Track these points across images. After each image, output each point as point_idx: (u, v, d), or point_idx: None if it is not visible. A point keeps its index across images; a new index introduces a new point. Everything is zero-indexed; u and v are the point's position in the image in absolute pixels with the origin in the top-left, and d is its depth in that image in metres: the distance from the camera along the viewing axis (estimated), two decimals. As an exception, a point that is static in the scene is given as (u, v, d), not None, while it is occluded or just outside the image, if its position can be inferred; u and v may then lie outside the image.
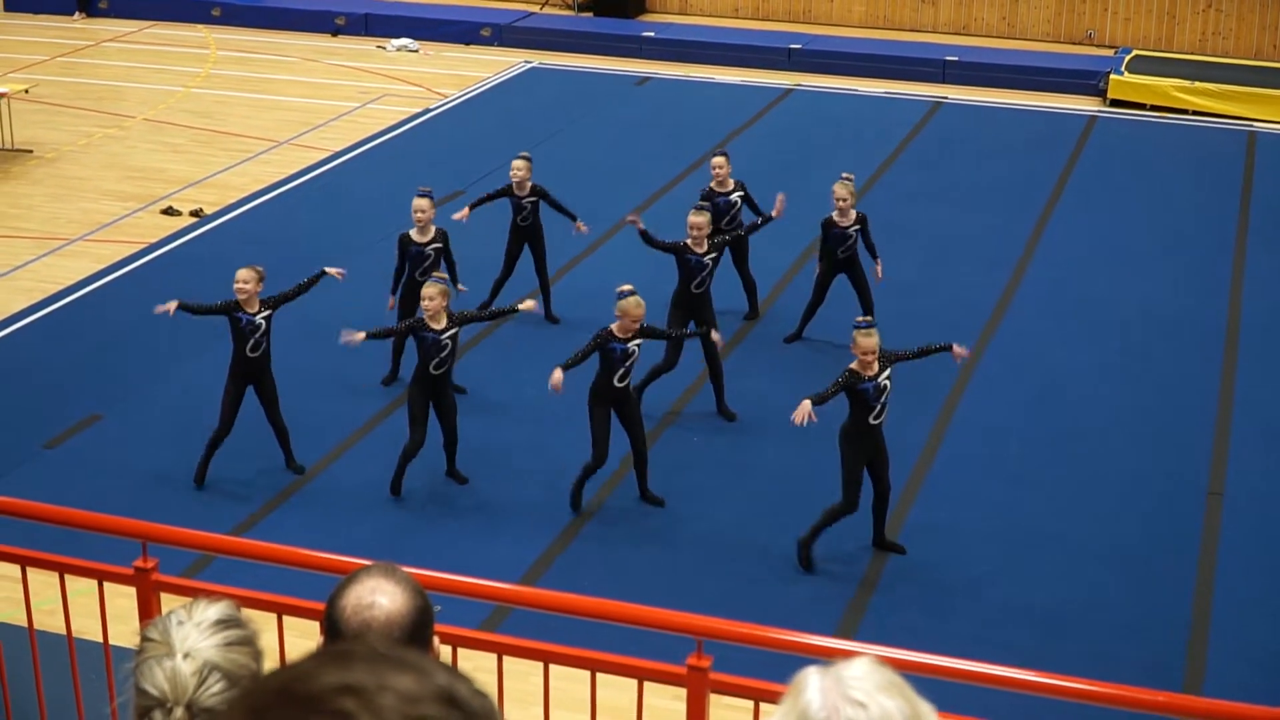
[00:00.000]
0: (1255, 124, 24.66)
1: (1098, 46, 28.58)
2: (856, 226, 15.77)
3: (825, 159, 21.43)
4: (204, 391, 15.19)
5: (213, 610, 3.77)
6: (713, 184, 16.56)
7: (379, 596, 3.88)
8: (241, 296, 13.36)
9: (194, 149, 22.81)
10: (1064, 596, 12.18)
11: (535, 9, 30.98)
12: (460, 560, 11.97)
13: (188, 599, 3.92)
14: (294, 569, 7.29)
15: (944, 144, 23.09)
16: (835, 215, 15.75)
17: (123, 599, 7.46)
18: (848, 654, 6.56)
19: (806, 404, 11.89)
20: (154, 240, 19.05)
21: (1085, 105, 25.66)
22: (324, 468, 13.87)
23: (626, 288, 13.00)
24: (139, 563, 7.06)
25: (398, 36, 29.34)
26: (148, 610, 7.03)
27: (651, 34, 28.75)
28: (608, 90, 26.23)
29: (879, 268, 16.00)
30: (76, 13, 31.02)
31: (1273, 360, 16.33)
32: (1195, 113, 25.17)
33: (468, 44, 29.33)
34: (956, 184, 21.01)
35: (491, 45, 29.22)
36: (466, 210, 16.48)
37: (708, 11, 30.82)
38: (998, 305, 17.52)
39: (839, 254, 15.87)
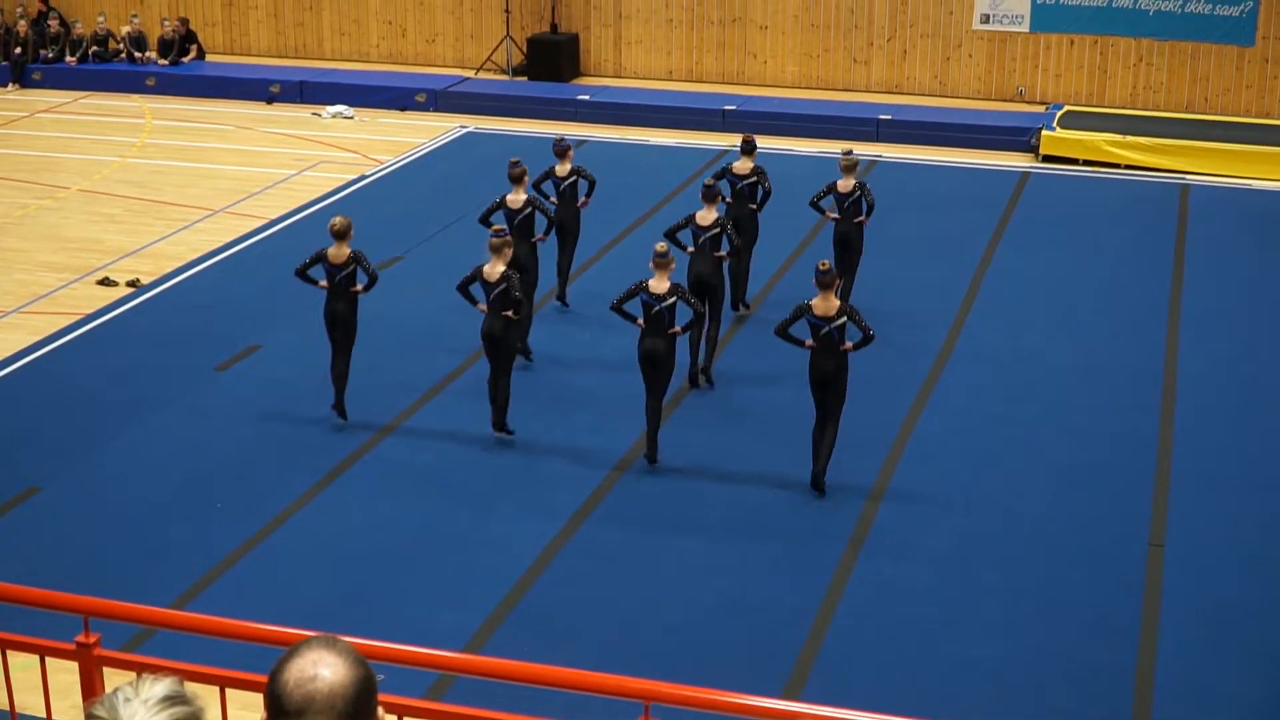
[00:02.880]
0: (1188, 176, 24.91)
1: (1029, 103, 28.86)
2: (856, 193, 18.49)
3: (763, 218, 21.50)
4: (143, 462, 15.15)
5: (159, 687, 3.75)
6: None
7: (321, 669, 3.85)
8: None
9: (130, 219, 22.74)
10: (1011, 650, 12.21)
11: (470, 74, 31.08)
12: (403, 628, 11.94)
13: (131, 674, 3.90)
14: (236, 641, 7.25)
15: (879, 201, 23.19)
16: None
17: (65, 674, 7.38)
18: (794, 716, 6.55)
19: None
20: (90, 311, 18.96)
21: (1018, 161, 25.88)
22: (266, 535, 13.79)
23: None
24: (81, 638, 7.01)
25: (333, 104, 29.37)
26: (91, 686, 6.97)
27: (587, 97, 28.86)
28: (544, 154, 26.23)
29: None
30: (10, 84, 30.94)
31: (1209, 411, 16.46)
32: (1128, 167, 25.43)
33: (403, 110, 29.38)
34: (893, 241, 21.11)
35: (427, 111, 29.28)
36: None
37: (642, 74, 30.97)
38: (936, 360, 17.61)
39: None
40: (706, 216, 16.87)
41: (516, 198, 17.27)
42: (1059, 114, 26.98)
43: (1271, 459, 15.44)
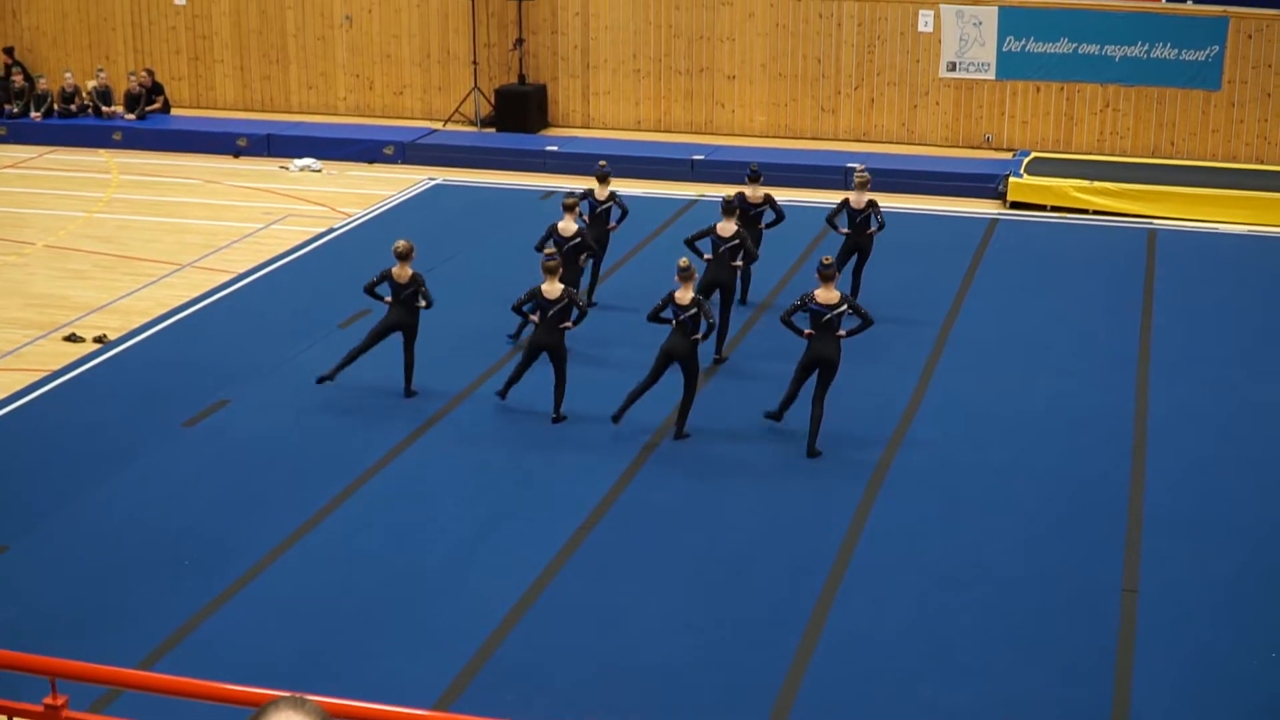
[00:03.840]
0: (1155, 221, 25.04)
1: (996, 150, 28.99)
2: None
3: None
4: (110, 519, 15.04)
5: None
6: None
7: (290, 730, 3.84)
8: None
9: (97, 274, 22.69)
10: (987, 694, 12.17)
11: (438, 126, 31.12)
12: (373, 685, 11.87)
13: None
14: (205, 702, 7.20)
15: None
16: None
17: (32, 736, 7.33)
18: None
19: None
20: (57, 368, 18.86)
21: (986, 208, 25.98)
22: (235, 593, 13.68)
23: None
24: (49, 700, 6.95)
25: (300, 157, 29.37)
26: (57, 748, 6.92)
27: (555, 148, 28.91)
28: (513, 205, 26.31)
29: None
30: (-25, 140, 30.92)
31: (1180, 454, 16.50)
32: (1096, 212, 25.55)
33: (371, 162, 29.41)
34: (862, 288, 21.13)
35: (395, 163, 29.31)
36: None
37: (610, 125, 31.05)
38: (907, 407, 17.62)
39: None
40: (726, 228, 18.77)
41: (568, 226, 19.11)
42: (1026, 160, 27.12)
43: (1244, 501, 15.48)
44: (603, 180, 20.67)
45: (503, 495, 15.60)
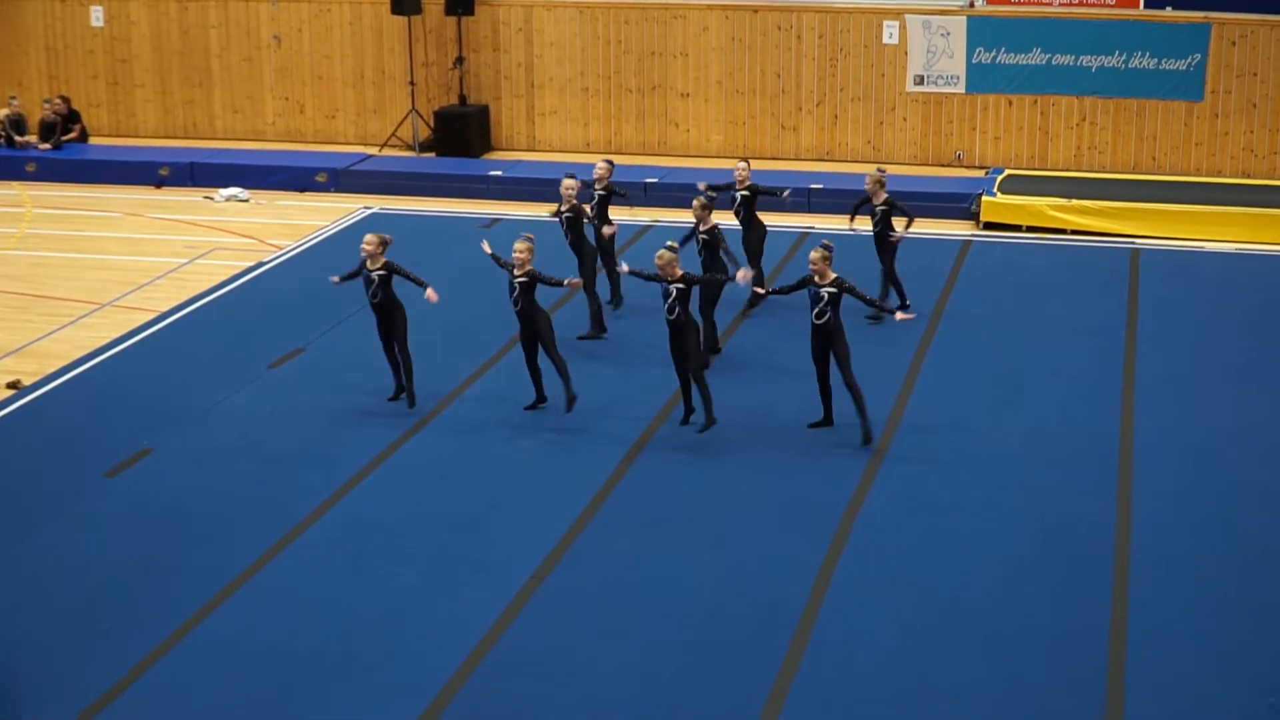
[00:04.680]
0: (1137, 240, 24.99)
1: (967, 168, 28.95)
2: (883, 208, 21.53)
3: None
4: (26, 579, 14.82)
5: None
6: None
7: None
8: (364, 254, 18.45)
9: (10, 315, 22.45)
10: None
11: (374, 151, 30.93)
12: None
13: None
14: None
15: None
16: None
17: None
18: None
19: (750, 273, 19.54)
20: (-34, 416, 18.64)
21: (958, 229, 25.92)
22: (160, 655, 13.37)
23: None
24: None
25: (226, 186, 29.18)
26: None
27: (499, 173, 28.81)
28: (455, 233, 26.13)
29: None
30: (-122, 174, 30.58)
31: (1168, 483, 16.43)
32: (1074, 232, 25.49)
33: (302, 191, 29.20)
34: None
35: (328, 191, 29.12)
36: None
37: (558, 147, 30.95)
38: (881, 440, 17.48)
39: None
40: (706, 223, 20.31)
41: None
42: (1000, 178, 27.09)
43: (1231, 529, 15.46)
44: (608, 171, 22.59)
45: (448, 541, 15.42)
